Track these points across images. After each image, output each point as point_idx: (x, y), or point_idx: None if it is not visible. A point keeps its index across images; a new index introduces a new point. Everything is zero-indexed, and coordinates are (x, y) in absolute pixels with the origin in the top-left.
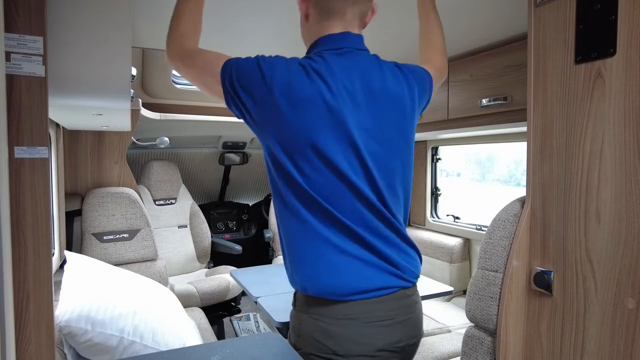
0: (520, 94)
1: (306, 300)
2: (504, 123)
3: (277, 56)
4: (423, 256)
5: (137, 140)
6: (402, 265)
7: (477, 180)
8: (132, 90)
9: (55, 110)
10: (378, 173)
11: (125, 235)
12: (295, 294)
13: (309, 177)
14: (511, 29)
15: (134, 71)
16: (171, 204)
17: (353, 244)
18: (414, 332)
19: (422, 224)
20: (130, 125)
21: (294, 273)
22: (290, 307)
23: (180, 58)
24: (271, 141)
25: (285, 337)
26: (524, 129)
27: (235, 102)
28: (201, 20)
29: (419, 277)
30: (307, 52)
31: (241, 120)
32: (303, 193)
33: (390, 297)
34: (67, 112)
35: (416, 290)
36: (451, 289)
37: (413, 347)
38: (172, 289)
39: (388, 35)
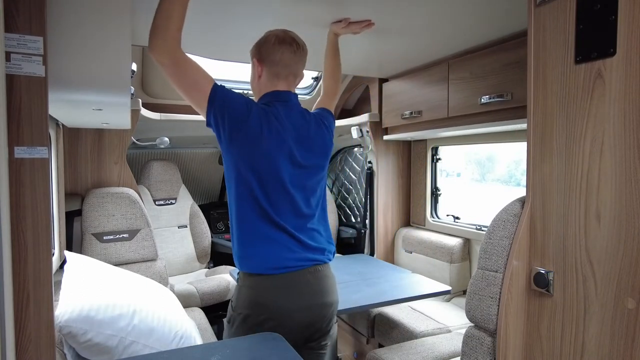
0: (521, 91)
1: (243, 275)
2: (505, 120)
3: (251, 99)
4: (423, 256)
5: (137, 140)
6: (316, 249)
7: (477, 181)
8: (132, 88)
9: (55, 105)
10: (300, 192)
11: (125, 235)
12: (238, 273)
13: (264, 190)
14: (511, 26)
15: (134, 66)
16: (171, 204)
17: (281, 234)
18: (321, 298)
19: (422, 224)
20: (130, 124)
21: (237, 257)
22: None
23: (171, 61)
24: (240, 157)
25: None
26: (524, 126)
27: (217, 119)
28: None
29: (330, 260)
30: (259, 100)
31: None
32: (255, 201)
33: (303, 271)
34: (67, 107)
35: (328, 268)
36: (449, 288)
37: (322, 307)
38: (172, 289)
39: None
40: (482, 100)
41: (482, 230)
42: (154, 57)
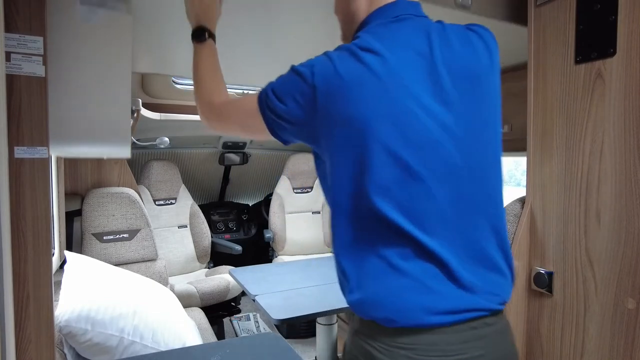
0: (520, 123)
1: (360, 319)
2: (503, 151)
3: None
4: None
5: (137, 140)
6: (480, 286)
7: None
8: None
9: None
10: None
11: (125, 235)
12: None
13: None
14: (511, 57)
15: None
16: (171, 204)
17: (417, 261)
18: None
19: None
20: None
21: (347, 289)
22: (288, 305)
23: (214, 116)
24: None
25: (283, 334)
26: (524, 159)
27: (281, 124)
28: (220, 70)
29: (505, 302)
30: (372, 20)
31: None
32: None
33: (458, 327)
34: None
35: (502, 319)
36: None
37: None
38: (172, 289)
39: None
40: None
41: None
42: (207, 125)
